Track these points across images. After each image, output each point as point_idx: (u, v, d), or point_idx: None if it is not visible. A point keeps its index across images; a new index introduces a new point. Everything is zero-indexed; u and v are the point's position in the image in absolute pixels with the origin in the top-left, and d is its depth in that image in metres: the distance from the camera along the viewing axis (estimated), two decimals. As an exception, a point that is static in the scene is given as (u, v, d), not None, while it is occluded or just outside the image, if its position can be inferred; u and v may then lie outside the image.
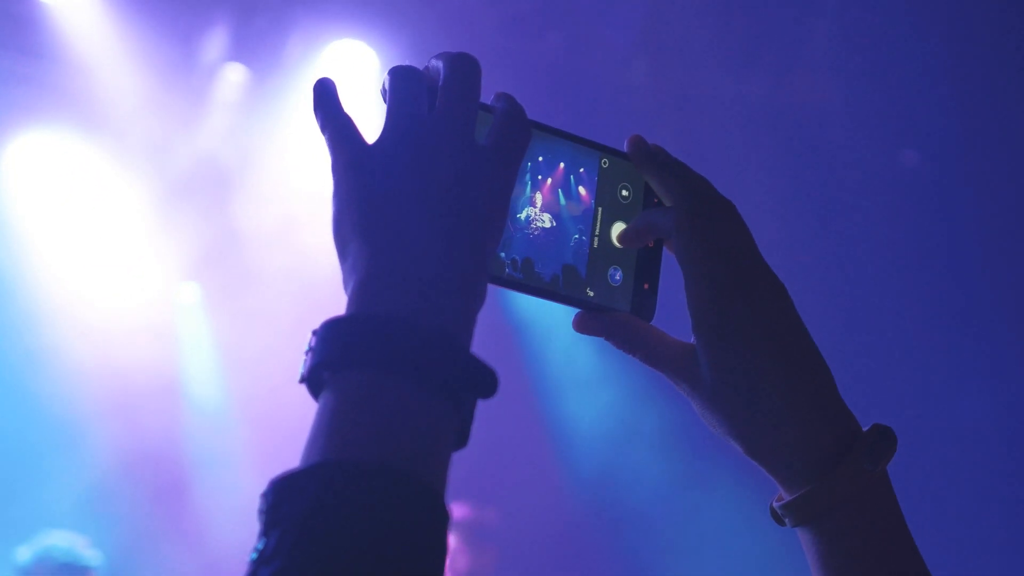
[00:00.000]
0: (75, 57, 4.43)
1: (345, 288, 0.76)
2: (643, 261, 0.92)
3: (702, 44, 4.38)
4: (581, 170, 0.91)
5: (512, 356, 4.50)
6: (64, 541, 3.91)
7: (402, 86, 0.82)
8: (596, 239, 0.91)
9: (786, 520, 0.83)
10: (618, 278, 0.91)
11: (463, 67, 0.81)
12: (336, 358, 0.70)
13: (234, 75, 4.60)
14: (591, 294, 0.90)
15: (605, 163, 0.92)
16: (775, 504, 0.84)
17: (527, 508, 4.54)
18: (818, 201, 4.37)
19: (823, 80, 4.40)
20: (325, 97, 0.84)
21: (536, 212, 0.89)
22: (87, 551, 3.93)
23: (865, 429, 0.83)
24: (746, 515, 4.20)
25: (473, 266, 0.75)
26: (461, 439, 0.73)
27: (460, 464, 0.78)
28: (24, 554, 3.87)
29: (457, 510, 4.13)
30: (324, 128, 0.82)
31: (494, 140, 0.80)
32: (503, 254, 0.86)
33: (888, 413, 0.87)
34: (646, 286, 0.92)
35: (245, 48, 4.54)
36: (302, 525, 0.63)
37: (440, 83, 0.81)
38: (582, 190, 0.91)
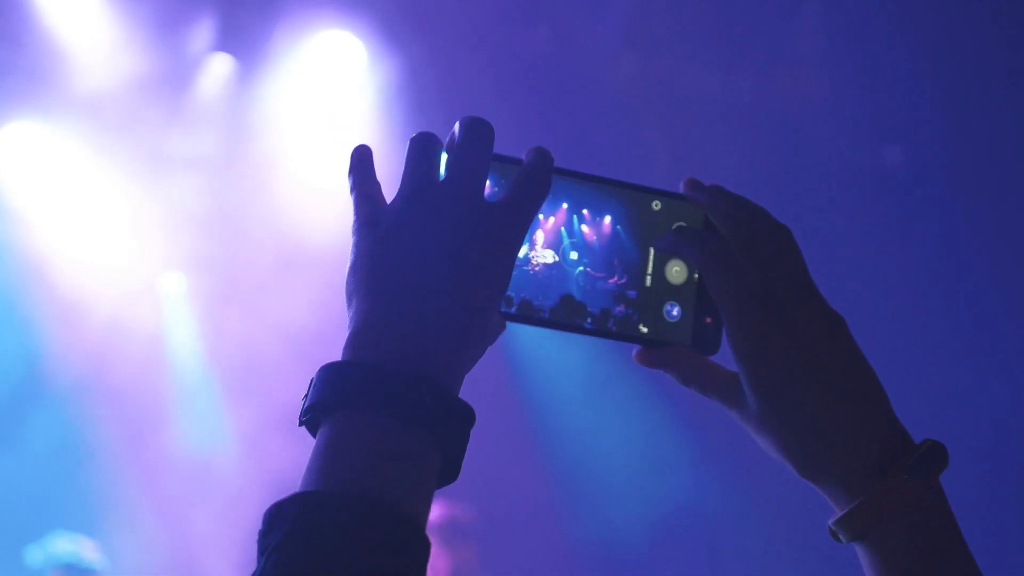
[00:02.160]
0: (60, 46, 4.41)
1: None
2: (703, 295, 0.95)
3: (688, 40, 4.39)
4: (630, 214, 0.96)
5: (493, 354, 4.49)
6: (70, 544, 3.97)
7: (418, 153, 0.89)
8: (649, 277, 0.95)
9: (840, 536, 0.86)
10: (675, 313, 0.95)
11: (474, 132, 0.89)
12: (327, 400, 0.78)
13: (221, 65, 4.59)
14: (644, 330, 0.94)
15: (656, 205, 0.96)
16: (829, 522, 0.86)
17: (507, 506, 4.54)
18: (802, 196, 4.38)
19: (808, 76, 4.41)
20: (360, 164, 0.92)
21: (586, 265, 0.94)
22: (92, 554, 3.98)
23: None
24: (730, 508, 4.22)
25: (466, 317, 0.83)
26: (449, 474, 0.80)
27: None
28: (33, 555, 3.93)
29: (435, 509, 4.12)
30: (352, 189, 0.90)
31: (507, 197, 0.87)
32: (548, 301, 0.93)
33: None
34: (708, 320, 0.95)
35: (232, 38, 4.53)
36: (282, 550, 0.70)
37: (454, 148, 0.89)
38: (632, 233, 0.95)
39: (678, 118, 4.40)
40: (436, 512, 4.12)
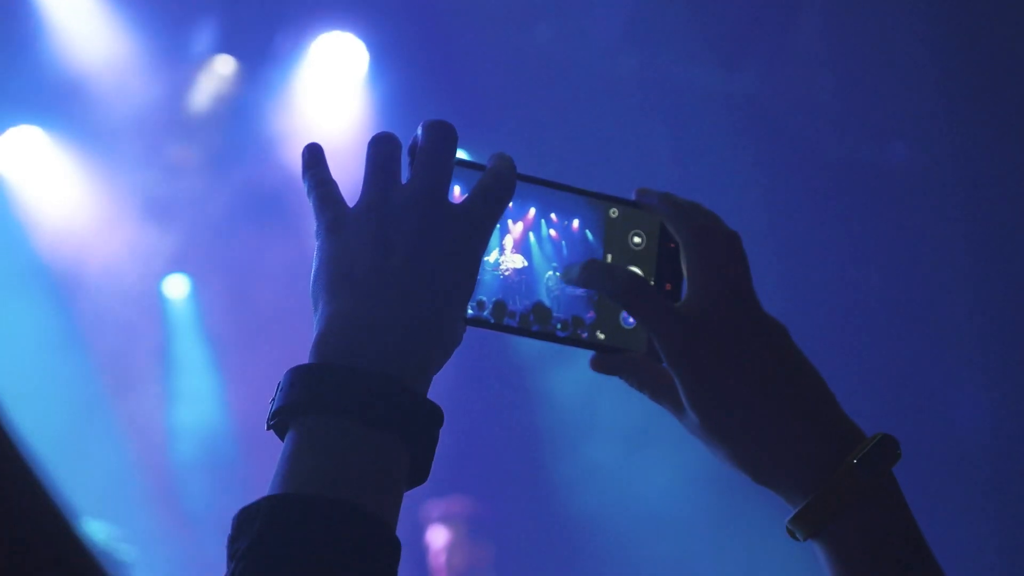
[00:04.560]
0: (62, 48, 4.41)
1: None
2: None
3: (690, 36, 4.38)
4: (589, 221, 0.96)
5: (512, 357, 4.49)
6: (100, 532, 3.94)
7: (378, 154, 0.88)
8: None
9: (797, 535, 0.86)
10: (632, 320, 0.95)
11: (436, 135, 0.89)
12: (294, 403, 0.79)
13: (223, 66, 4.60)
14: (602, 336, 0.95)
15: (614, 213, 0.97)
16: (786, 521, 0.87)
17: (525, 504, 4.54)
18: (806, 194, 4.37)
19: (811, 72, 4.41)
20: (313, 162, 0.91)
21: (555, 270, 0.95)
22: (121, 544, 3.96)
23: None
24: (746, 514, 4.21)
25: (432, 319, 0.83)
26: (419, 474, 0.80)
27: (458, 461, 0.81)
28: None
29: (454, 505, 4.14)
30: (310, 192, 0.89)
31: (469, 203, 0.88)
32: (513, 306, 0.93)
33: (877, 411, 0.89)
34: None
35: (234, 39, 4.53)
36: (249, 555, 0.70)
37: (418, 150, 0.88)
38: (591, 240, 0.96)
39: (680, 115, 4.39)
40: (459, 507, 4.14)
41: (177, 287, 4.82)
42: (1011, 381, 4.19)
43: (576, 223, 0.96)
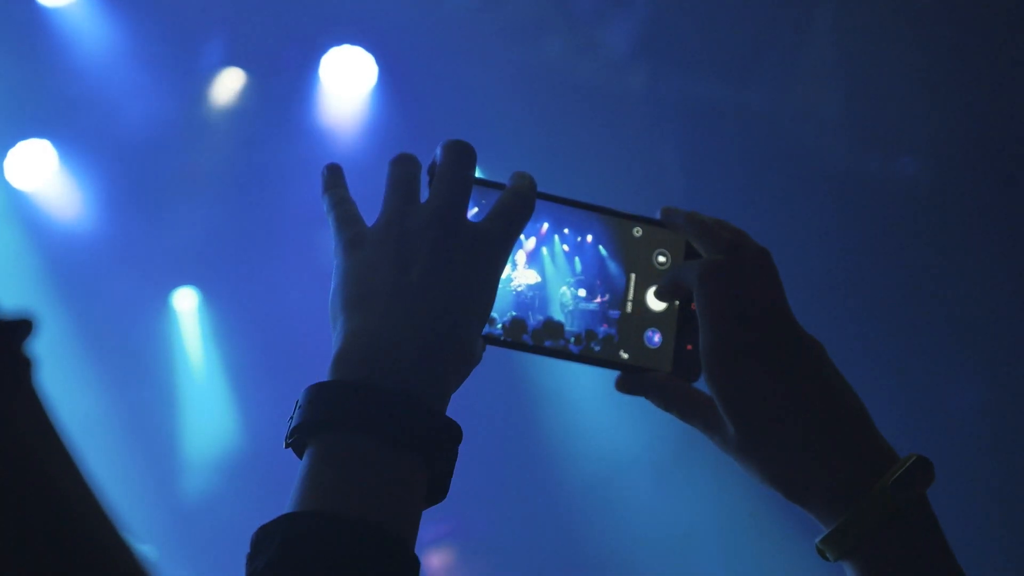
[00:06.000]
0: (71, 61, 4.43)
1: None
2: (685, 322, 0.97)
3: (700, 52, 4.39)
4: (611, 240, 0.97)
5: (517, 368, 4.49)
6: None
7: (398, 174, 0.89)
8: (630, 303, 0.96)
9: (828, 555, 0.86)
10: (656, 340, 0.96)
11: (455, 155, 0.89)
12: (313, 421, 0.78)
13: (233, 79, 4.61)
14: (625, 356, 0.95)
15: (638, 232, 0.97)
16: (816, 540, 0.87)
17: (525, 520, 4.53)
18: (815, 208, 4.37)
19: (820, 87, 4.41)
20: (333, 182, 0.93)
21: (569, 285, 0.95)
22: (143, 545, 3.95)
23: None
24: (745, 524, 4.20)
25: (450, 337, 0.83)
26: (438, 492, 0.80)
27: (458, 476, 0.80)
28: None
29: (450, 523, 4.13)
30: (330, 211, 0.91)
31: (487, 222, 0.89)
32: (532, 321, 0.93)
33: (883, 419, 0.89)
34: (688, 347, 0.96)
35: (244, 52, 4.55)
36: (268, 573, 0.70)
37: (437, 170, 0.89)
38: (613, 259, 0.96)
39: (691, 131, 4.40)
40: (454, 525, 4.13)
41: (186, 300, 4.82)
42: (1015, 396, 4.18)
43: (591, 238, 0.96)
